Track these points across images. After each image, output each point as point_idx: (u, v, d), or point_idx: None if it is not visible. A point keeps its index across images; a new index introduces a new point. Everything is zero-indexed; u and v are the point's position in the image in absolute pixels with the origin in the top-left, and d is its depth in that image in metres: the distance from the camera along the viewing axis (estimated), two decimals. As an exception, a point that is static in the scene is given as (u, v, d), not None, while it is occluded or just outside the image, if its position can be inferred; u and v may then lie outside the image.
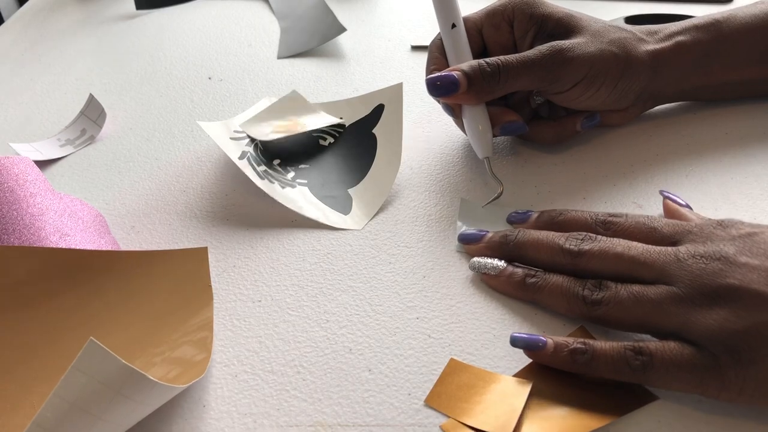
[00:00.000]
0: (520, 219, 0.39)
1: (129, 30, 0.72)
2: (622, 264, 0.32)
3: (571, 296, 0.32)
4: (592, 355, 0.30)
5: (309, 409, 0.31)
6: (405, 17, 0.68)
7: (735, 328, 0.27)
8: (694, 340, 0.29)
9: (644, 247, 0.32)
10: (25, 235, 0.36)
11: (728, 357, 0.27)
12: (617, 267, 0.32)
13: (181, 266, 0.36)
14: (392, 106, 0.47)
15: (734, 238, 0.30)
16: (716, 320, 0.28)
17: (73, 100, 0.59)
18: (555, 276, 0.34)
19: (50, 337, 0.34)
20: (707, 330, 0.28)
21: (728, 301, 0.28)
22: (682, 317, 0.29)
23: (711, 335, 0.28)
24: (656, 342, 0.29)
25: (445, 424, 0.30)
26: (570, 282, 0.33)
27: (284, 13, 0.70)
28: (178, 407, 0.32)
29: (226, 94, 0.57)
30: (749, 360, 0.27)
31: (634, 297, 0.30)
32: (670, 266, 0.30)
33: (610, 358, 0.30)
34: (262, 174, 0.44)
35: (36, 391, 0.32)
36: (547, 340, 0.31)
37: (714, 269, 0.29)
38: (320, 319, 0.36)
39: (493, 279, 0.36)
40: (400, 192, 0.44)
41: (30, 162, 0.41)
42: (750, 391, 0.28)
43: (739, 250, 0.30)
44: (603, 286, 0.32)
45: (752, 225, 0.31)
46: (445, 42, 0.43)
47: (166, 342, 0.33)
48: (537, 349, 0.31)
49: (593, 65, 0.41)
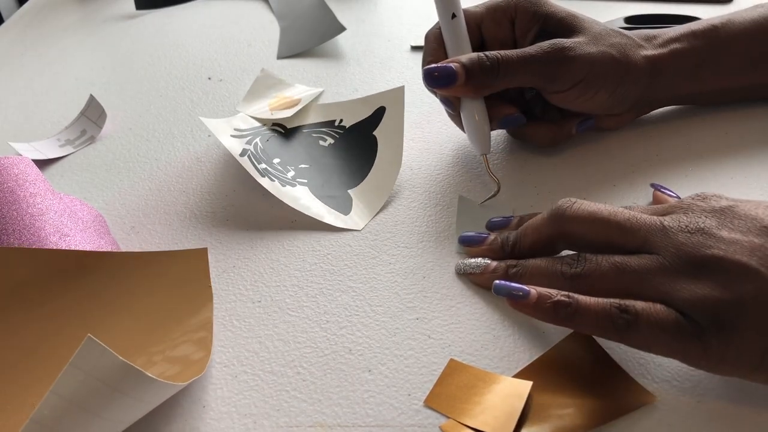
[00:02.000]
0: (500, 224, 0.39)
1: (129, 30, 0.72)
2: (607, 230, 0.32)
3: (552, 275, 0.32)
4: (576, 308, 0.30)
5: (309, 410, 0.31)
6: (405, 17, 0.68)
7: (720, 297, 0.28)
8: (678, 308, 0.29)
9: (630, 212, 0.32)
10: (25, 235, 0.36)
11: (713, 325, 0.27)
12: (603, 233, 0.32)
13: (181, 267, 0.36)
14: (393, 108, 0.47)
15: (714, 211, 0.30)
16: (701, 290, 0.28)
17: (73, 100, 0.59)
18: (534, 260, 0.34)
19: (50, 338, 0.34)
20: (692, 299, 0.28)
21: (713, 271, 0.28)
22: (666, 286, 0.29)
23: (696, 304, 0.28)
24: (643, 302, 0.29)
25: (444, 424, 0.30)
26: (549, 262, 0.33)
27: (284, 13, 0.70)
28: (177, 407, 0.32)
29: (225, 94, 0.57)
30: (732, 329, 0.27)
31: (616, 267, 0.30)
32: (655, 235, 0.30)
33: (594, 314, 0.29)
34: (263, 171, 0.44)
35: (36, 392, 0.32)
36: (531, 290, 0.31)
37: (698, 240, 0.29)
38: (320, 319, 0.36)
39: (479, 276, 0.36)
40: (400, 192, 0.44)
41: (30, 162, 0.41)
42: (731, 359, 0.28)
43: (720, 222, 0.30)
44: (582, 259, 0.32)
45: (728, 198, 0.32)
46: (444, 32, 0.43)
47: (166, 341, 0.33)
48: (519, 298, 0.31)
49: (593, 66, 0.41)
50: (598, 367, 0.31)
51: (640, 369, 0.31)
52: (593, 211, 0.32)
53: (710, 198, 0.32)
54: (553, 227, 0.34)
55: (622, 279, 0.30)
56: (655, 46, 0.44)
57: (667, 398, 0.30)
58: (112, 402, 0.26)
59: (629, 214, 0.32)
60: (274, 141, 0.48)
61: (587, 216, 0.32)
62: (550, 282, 0.32)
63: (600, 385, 0.31)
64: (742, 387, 0.30)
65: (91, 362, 0.25)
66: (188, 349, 0.33)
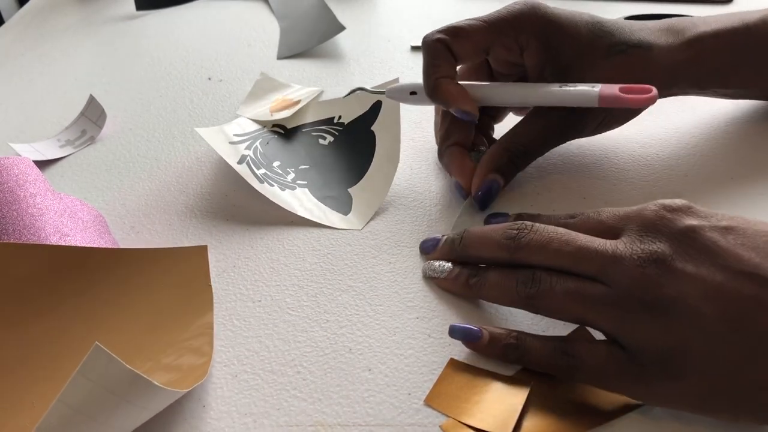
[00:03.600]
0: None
1: (129, 30, 0.72)
2: (561, 259, 0.31)
3: (508, 291, 0.32)
4: (524, 351, 0.31)
5: (309, 409, 0.31)
6: (405, 17, 0.68)
7: (665, 341, 0.27)
8: (625, 345, 0.29)
9: (583, 240, 0.31)
10: (25, 235, 0.36)
11: (656, 368, 0.27)
12: (558, 261, 0.31)
13: (181, 264, 0.36)
14: (389, 101, 0.48)
15: (675, 235, 0.29)
16: (647, 331, 0.28)
17: (73, 100, 0.59)
18: (492, 272, 0.34)
19: (50, 336, 0.34)
20: (638, 340, 0.28)
21: (661, 313, 0.27)
22: (616, 322, 0.29)
23: (641, 345, 0.28)
24: (587, 345, 0.30)
25: (445, 423, 0.30)
26: (505, 277, 0.33)
27: (284, 13, 0.70)
28: (178, 407, 0.32)
29: (225, 95, 0.57)
30: (676, 374, 0.27)
31: (569, 294, 0.30)
32: (608, 266, 0.29)
33: (540, 356, 0.31)
34: (262, 177, 0.44)
35: (36, 391, 0.32)
36: (483, 332, 0.32)
37: (651, 276, 0.28)
38: (320, 319, 0.36)
39: (443, 282, 0.36)
40: (400, 192, 0.44)
41: (30, 162, 0.41)
42: (675, 401, 0.28)
43: (676, 251, 0.28)
44: (536, 280, 0.31)
45: (699, 215, 0.29)
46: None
47: (168, 346, 0.33)
48: (473, 339, 0.32)
49: (610, 111, 0.40)
50: (598, 366, 0.31)
51: (641, 368, 0.31)
52: (546, 241, 0.31)
53: (676, 212, 0.29)
54: (507, 253, 0.33)
55: (574, 306, 0.30)
56: (677, 49, 0.41)
57: (668, 397, 0.30)
58: (118, 410, 0.26)
59: (582, 243, 0.30)
60: (274, 143, 0.48)
61: (540, 247, 0.31)
62: (507, 297, 0.33)
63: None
64: (742, 386, 0.30)
65: (98, 371, 0.25)
66: (191, 354, 0.33)
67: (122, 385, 0.26)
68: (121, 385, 0.26)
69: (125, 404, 0.26)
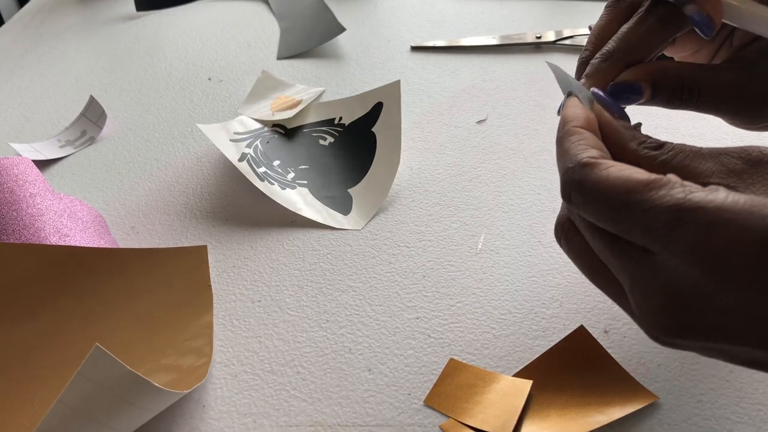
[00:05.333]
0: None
1: (129, 31, 0.72)
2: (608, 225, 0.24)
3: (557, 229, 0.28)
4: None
5: (309, 409, 0.31)
6: (405, 17, 0.68)
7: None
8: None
9: (635, 218, 0.23)
10: (25, 235, 0.36)
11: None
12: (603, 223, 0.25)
13: (180, 264, 0.36)
14: (390, 103, 0.48)
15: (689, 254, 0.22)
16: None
17: (73, 100, 0.59)
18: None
19: (49, 336, 0.34)
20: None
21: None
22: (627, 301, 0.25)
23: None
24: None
25: (444, 423, 0.30)
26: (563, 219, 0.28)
27: (284, 13, 0.70)
28: (178, 407, 0.32)
29: (225, 95, 0.57)
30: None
31: (603, 242, 0.25)
32: (636, 273, 0.24)
33: None
34: (262, 175, 0.44)
35: (35, 390, 0.32)
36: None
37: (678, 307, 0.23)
38: (320, 319, 0.35)
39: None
40: (400, 192, 0.44)
41: (30, 162, 0.41)
42: None
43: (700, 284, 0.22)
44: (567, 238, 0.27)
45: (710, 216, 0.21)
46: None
47: (167, 347, 0.33)
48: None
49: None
50: (598, 366, 0.31)
51: (641, 368, 0.31)
52: (603, 199, 0.24)
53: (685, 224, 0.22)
54: (563, 189, 0.26)
55: (602, 251, 0.25)
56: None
57: (668, 398, 0.30)
58: (118, 411, 0.26)
59: (632, 222, 0.23)
60: (274, 142, 0.48)
61: (595, 201, 0.24)
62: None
63: (600, 384, 0.31)
64: (741, 387, 0.30)
65: (99, 372, 0.25)
66: (190, 355, 0.33)
67: (123, 387, 0.26)
68: (122, 387, 0.26)
69: (125, 405, 0.26)
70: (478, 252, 0.39)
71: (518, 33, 0.60)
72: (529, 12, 0.65)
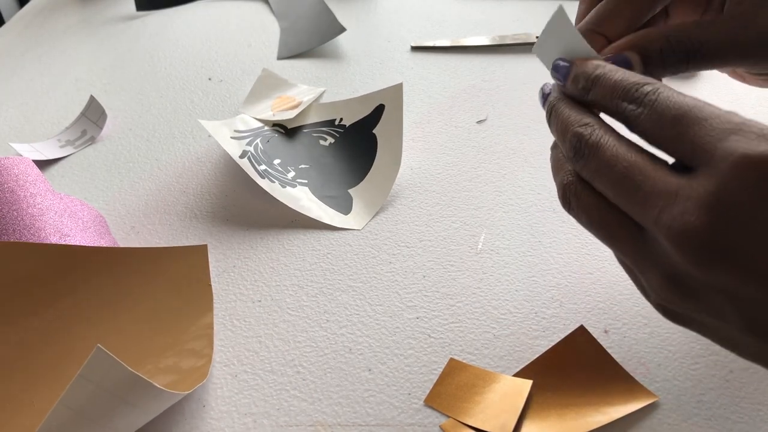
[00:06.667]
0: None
1: (129, 31, 0.72)
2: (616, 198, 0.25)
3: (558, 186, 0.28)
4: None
5: (309, 409, 0.31)
6: (405, 17, 0.68)
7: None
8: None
9: (643, 192, 0.23)
10: (25, 235, 0.36)
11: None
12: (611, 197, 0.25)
13: (181, 263, 0.36)
14: (392, 106, 0.48)
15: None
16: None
17: (73, 100, 0.59)
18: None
19: (50, 336, 0.34)
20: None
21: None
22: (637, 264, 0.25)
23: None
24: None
25: (444, 423, 0.30)
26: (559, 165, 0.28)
27: (284, 13, 0.70)
28: (178, 407, 0.32)
29: (226, 95, 0.57)
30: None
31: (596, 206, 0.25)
32: (639, 253, 0.24)
33: None
34: (263, 173, 0.44)
35: (36, 390, 0.32)
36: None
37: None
38: (320, 318, 0.36)
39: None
40: (400, 192, 0.44)
41: (30, 162, 0.41)
42: None
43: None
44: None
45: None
46: None
47: (168, 348, 0.33)
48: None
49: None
50: (598, 366, 0.31)
51: (641, 368, 0.31)
52: (609, 166, 0.24)
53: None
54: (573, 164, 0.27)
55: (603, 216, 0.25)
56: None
57: (668, 398, 0.30)
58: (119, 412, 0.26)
59: (639, 198, 0.23)
60: (274, 141, 0.48)
61: (602, 169, 0.25)
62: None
63: (600, 384, 0.31)
64: (741, 386, 0.30)
65: (100, 374, 0.25)
66: (191, 356, 0.33)
67: (124, 388, 0.26)
68: (123, 388, 0.26)
69: (126, 406, 0.26)
70: (478, 252, 0.39)
71: (518, 33, 0.60)
72: (529, 12, 0.65)
